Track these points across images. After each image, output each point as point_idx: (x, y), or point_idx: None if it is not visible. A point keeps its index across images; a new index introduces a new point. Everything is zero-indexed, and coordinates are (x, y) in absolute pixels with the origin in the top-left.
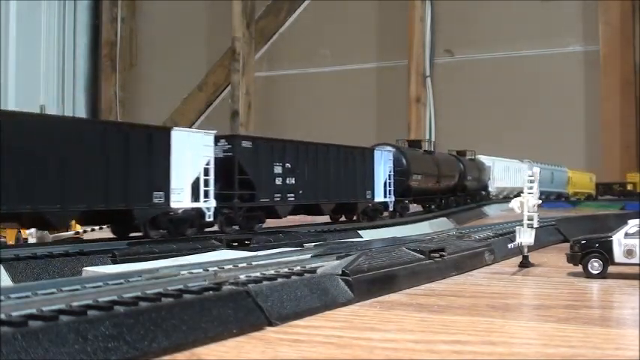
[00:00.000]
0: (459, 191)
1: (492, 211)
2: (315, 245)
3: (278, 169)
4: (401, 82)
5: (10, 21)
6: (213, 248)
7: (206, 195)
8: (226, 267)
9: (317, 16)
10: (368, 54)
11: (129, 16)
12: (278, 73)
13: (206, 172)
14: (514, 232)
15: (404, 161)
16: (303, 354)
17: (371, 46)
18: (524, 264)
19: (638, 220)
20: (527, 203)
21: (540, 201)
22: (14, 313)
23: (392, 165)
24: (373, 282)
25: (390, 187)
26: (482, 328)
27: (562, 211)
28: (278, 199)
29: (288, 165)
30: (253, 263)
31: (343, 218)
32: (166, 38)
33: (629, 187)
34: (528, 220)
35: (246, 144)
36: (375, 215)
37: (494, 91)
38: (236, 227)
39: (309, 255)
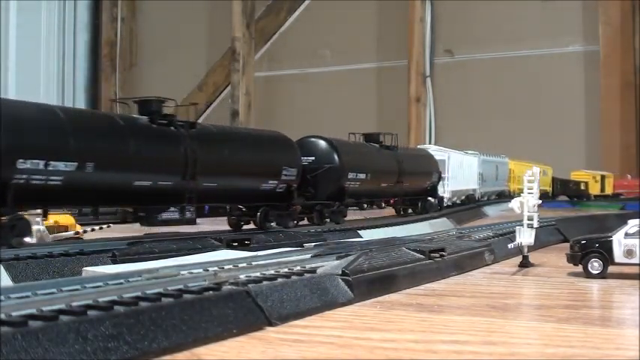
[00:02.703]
0: (307, 198)
1: (492, 211)
2: (315, 245)
3: None
4: (401, 82)
5: (10, 21)
6: (213, 248)
7: None
8: (226, 267)
9: (317, 16)
10: (368, 54)
11: (129, 16)
12: (278, 73)
13: None
14: (514, 232)
15: None
16: (303, 354)
17: (371, 46)
18: (524, 264)
19: (638, 220)
20: (527, 203)
21: (540, 201)
22: (14, 313)
23: None
24: (373, 282)
25: None
26: (482, 328)
27: (562, 211)
28: None
29: None
30: (253, 263)
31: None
32: (166, 38)
33: (582, 186)
34: (528, 220)
35: None
36: None
37: (494, 91)
38: None
39: (309, 255)
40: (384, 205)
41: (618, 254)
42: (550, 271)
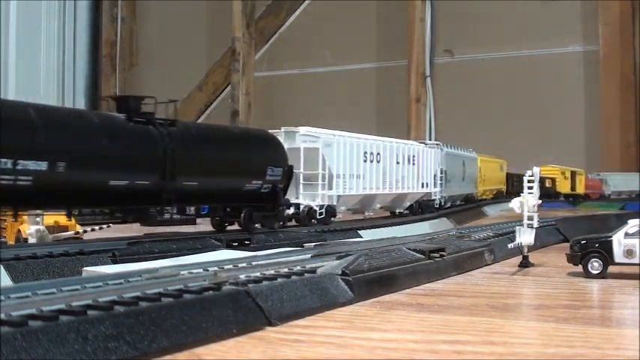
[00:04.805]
0: None
1: (492, 211)
2: (315, 245)
3: None
4: (401, 82)
5: (10, 21)
6: (213, 248)
7: None
8: (226, 267)
9: (317, 16)
10: (368, 54)
11: (129, 16)
12: (278, 73)
13: None
14: (514, 232)
15: None
16: (303, 354)
17: (371, 46)
18: (524, 264)
19: (638, 220)
20: (527, 203)
21: (540, 201)
22: (14, 313)
23: None
24: (373, 282)
25: None
26: (482, 328)
27: (562, 211)
28: None
29: None
30: (253, 263)
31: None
32: (166, 38)
33: (547, 183)
34: (528, 220)
35: None
36: None
37: (494, 91)
38: None
39: (309, 255)
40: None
41: (618, 254)
42: (550, 271)
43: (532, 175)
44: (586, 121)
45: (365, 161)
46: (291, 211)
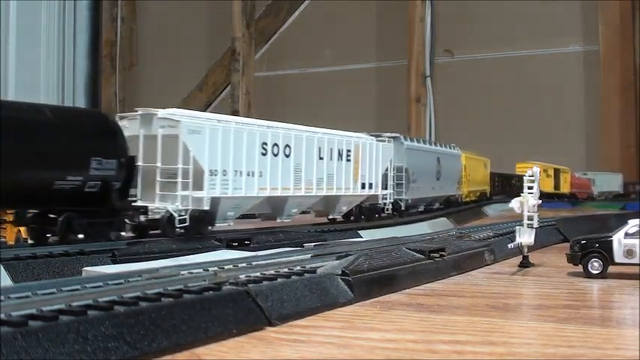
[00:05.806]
0: None
1: (492, 211)
2: (315, 245)
3: None
4: (401, 82)
5: (10, 21)
6: (213, 248)
7: None
8: (226, 267)
9: (317, 16)
10: (368, 54)
11: (129, 16)
12: (278, 73)
13: None
14: (514, 232)
15: None
16: (303, 354)
17: (371, 46)
18: (524, 264)
19: (638, 220)
20: (527, 203)
21: (540, 201)
22: (14, 313)
23: None
24: (373, 282)
25: None
26: (482, 328)
27: (562, 211)
28: None
29: None
30: (253, 263)
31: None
32: (166, 38)
33: None
34: (528, 220)
35: None
36: None
37: (494, 91)
38: None
39: (309, 255)
40: None
41: (618, 254)
42: (550, 271)
43: (532, 175)
44: (586, 121)
45: (264, 154)
46: (145, 217)
